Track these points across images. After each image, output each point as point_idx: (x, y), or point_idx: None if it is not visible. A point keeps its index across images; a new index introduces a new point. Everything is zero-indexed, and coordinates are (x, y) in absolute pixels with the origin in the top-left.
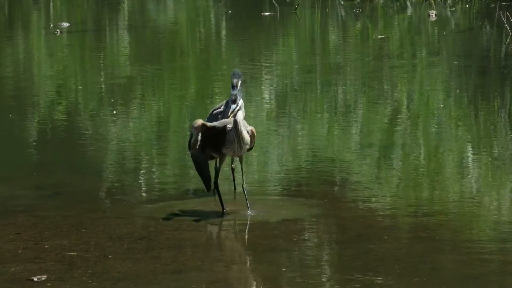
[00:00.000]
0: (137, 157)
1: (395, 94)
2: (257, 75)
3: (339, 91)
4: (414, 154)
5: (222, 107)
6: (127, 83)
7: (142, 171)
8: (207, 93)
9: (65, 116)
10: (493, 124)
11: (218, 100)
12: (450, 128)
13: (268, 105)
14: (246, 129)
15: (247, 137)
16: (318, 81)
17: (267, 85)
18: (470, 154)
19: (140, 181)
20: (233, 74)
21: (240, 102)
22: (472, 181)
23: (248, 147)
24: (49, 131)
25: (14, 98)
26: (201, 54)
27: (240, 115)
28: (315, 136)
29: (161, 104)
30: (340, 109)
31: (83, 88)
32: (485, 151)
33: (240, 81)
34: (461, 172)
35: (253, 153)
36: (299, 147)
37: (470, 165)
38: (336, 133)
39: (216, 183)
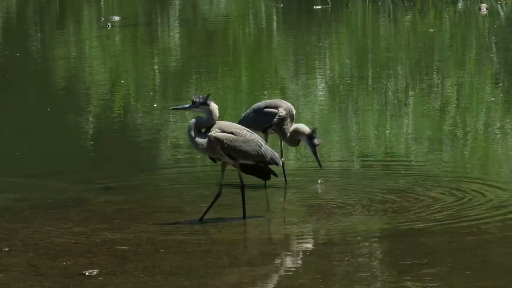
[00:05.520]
0: (191, 151)
1: (446, 87)
2: (309, 68)
3: (391, 84)
4: (464, 147)
5: (279, 110)
6: (179, 76)
7: (195, 166)
8: (259, 86)
9: (117, 109)
10: None
11: (266, 94)
12: (501, 122)
13: (321, 98)
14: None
15: None
16: (369, 74)
17: (319, 78)
18: None
19: (193, 175)
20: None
21: None
22: None
23: None
24: (101, 125)
25: (67, 92)
26: (253, 47)
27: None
28: (365, 127)
29: (213, 97)
30: (391, 102)
31: (135, 81)
32: None
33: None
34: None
35: (303, 146)
36: (352, 138)
37: None
38: (386, 124)
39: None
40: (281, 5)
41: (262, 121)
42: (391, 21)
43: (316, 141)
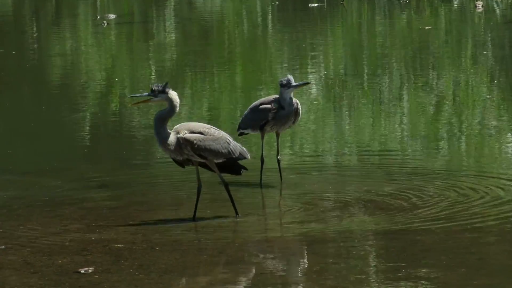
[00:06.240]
0: None
1: (441, 84)
2: (305, 65)
3: (386, 81)
4: (459, 144)
5: (273, 104)
6: (175, 73)
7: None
8: (254, 83)
9: (113, 107)
10: None
11: (261, 92)
12: (497, 118)
13: (316, 95)
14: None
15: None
16: (364, 70)
17: (314, 75)
18: None
19: (188, 172)
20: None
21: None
22: None
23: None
24: (96, 122)
25: (62, 90)
26: (248, 45)
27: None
28: (360, 124)
29: (209, 94)
30: (386, 98)
31: (130, 79)
32: None
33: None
34: (506, 162)
35: (300, 140)
36: (347, 135)
37: None
38: (381, 122)
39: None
40: (277, 2)
41: (258, 118)
42: (387, 18)
43: (294, 84)
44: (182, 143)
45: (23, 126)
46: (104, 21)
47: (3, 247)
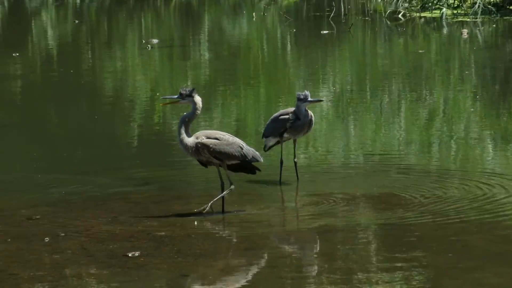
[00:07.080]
0: None
1: (432, 99)
2: (317, 82)
3: (386, 96)
4: (447, 149)
5: (290, 115)
6: (208, 88)
7: None
8: (275, 97)
9: (156, 117)
10: None
11: (281, 104)
12: (479, 128)
13: (326, 107)
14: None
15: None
16: (368, 87)
17: (325, 91)
18: (497, 150)
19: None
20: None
21: None
22: (497, 172)
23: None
24: (142, 130)
25: (112, 102)
26: (270, 64)
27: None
28: (364, 132)
29: (237, 106)
30: (386, 110)
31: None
32: (509, 145)
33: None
34: (487, 165)
35: (314, 144)
36: (352, 141)
37: (497, 160)
38: (382, 130)
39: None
40: (294, 30)
41: (278, 127)
42: (387, 43)
43: (309, 99)
44: (200, 147)
45: (79, 133)
46: (149, 45)
47: (63, 234)
